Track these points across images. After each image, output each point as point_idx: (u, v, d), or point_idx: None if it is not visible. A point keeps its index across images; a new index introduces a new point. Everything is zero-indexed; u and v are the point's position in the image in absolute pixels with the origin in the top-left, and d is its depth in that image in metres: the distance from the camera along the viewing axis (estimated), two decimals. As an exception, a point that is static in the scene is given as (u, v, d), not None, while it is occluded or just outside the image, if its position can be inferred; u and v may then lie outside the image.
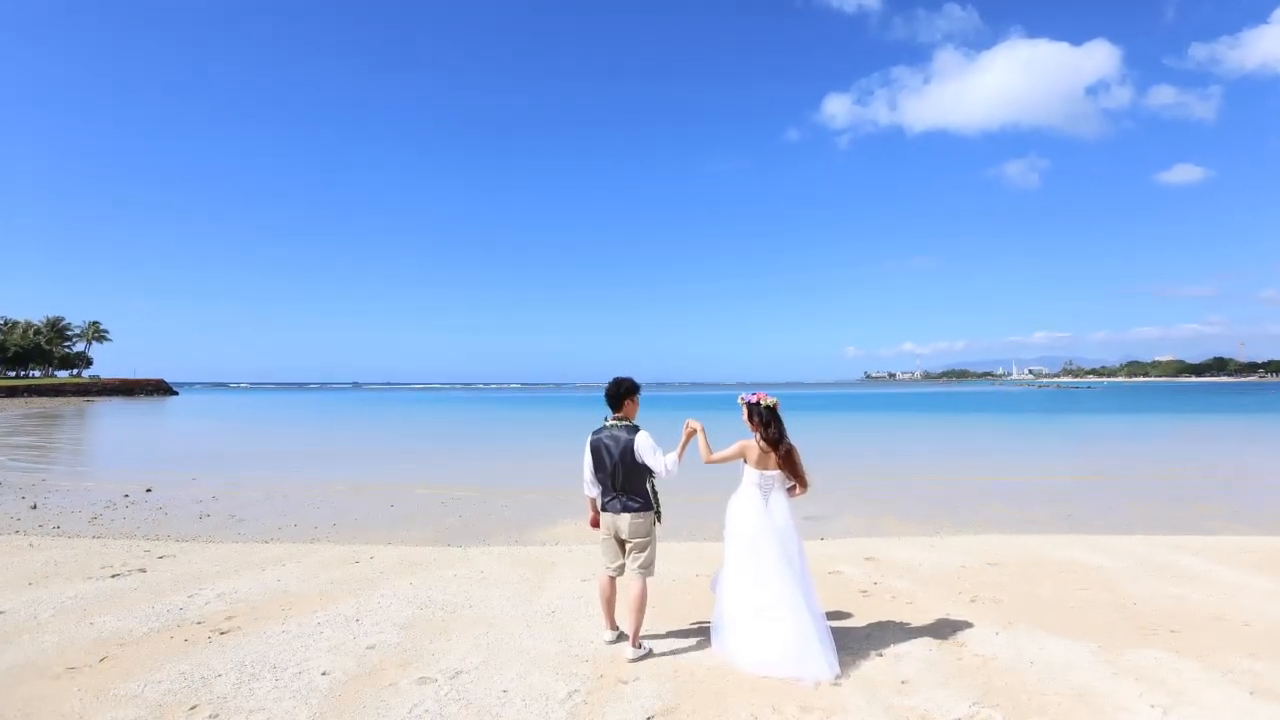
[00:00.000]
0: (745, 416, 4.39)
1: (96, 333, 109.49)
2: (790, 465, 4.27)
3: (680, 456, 4.28)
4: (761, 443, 4.27)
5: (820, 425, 34.75)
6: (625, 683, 3.85)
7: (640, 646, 4.23)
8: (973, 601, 5.42)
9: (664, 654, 4.27)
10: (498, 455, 22.35)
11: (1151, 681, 3.82)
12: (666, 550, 6.88)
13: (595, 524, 4.53)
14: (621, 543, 4.34)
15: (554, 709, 3.53)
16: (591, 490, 4.45)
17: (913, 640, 4.50)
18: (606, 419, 4.42)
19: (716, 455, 4.29)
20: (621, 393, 4.40)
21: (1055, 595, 5.57)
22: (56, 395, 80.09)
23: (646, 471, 4.26)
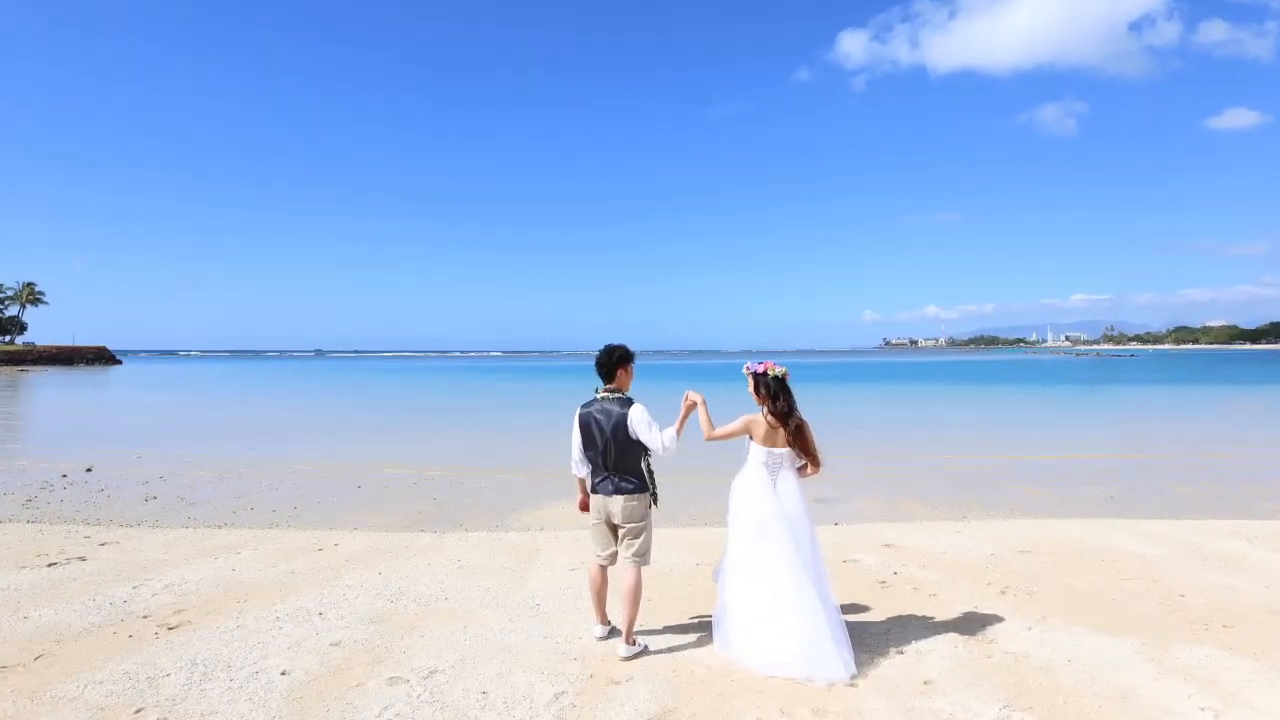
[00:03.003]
0: (751, 388, 4.37)
1: (31, 295, 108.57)
2: (801, 442, 4.26)
3: (679, 432, 4.26)
4: (769, 417, 4.25)
5: (834, 397, 34.89)
6: (618, 683, 3.87)
7: (634, 643, 4.25)
8: (1003, 593, 5.46)
9: (660, 651, 4.29)
10: (476, 431, 22.38)
11: (1201, 682, 3.85)
12: (663, 536, 6.90)
13: (584, 507, 4.52)
14: (614, 528, 4.34)
15: (539, 712, 3.54)
16: (580, 470, 4.43)
17: (937, 636, 4.53)
18: (597, 391, 4.39)
19: (719, 431, 4.27)
20: (614, 362, 4.37)
21: (1095, 586, 5.61)
22: (-14, 364, 79.72)
23: (641, 449, 4.24)
